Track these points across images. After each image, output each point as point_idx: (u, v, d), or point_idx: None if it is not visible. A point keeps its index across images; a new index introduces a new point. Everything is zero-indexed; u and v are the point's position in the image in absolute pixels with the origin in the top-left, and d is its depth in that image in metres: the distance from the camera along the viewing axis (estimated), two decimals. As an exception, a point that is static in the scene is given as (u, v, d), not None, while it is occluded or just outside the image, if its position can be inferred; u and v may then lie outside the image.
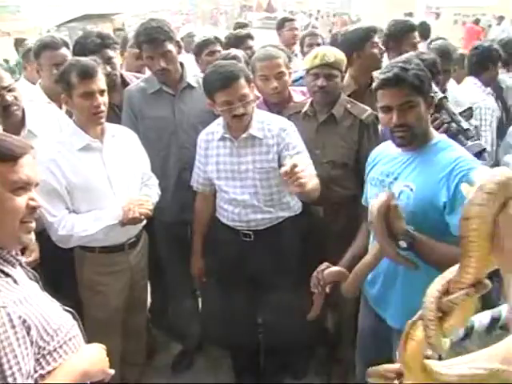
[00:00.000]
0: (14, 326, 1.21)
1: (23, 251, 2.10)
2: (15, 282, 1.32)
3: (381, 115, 1.89)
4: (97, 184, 2.26)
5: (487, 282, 0.90)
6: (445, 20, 16.03)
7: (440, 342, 0.92)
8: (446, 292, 0.93)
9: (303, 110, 2.64)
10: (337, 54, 2.53)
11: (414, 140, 1.85)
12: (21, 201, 1.31)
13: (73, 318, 1.46)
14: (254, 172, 2.39)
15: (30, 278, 1.43)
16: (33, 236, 1.39)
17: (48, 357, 1.31)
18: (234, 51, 3.12)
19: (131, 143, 2.47)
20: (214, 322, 2.94)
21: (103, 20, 9.44)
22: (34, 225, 1.38)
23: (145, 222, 2.41)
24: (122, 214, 2.24)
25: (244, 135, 2.38)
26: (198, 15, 26.44)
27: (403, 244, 1.68)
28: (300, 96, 2.89)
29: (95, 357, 1.46)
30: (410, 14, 14.98)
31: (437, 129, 2.12)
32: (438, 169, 1.79)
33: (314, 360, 3.04)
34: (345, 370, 2.80)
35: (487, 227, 0.84)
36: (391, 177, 1.91)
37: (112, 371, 1.51)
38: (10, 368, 1.19)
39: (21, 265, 1.40)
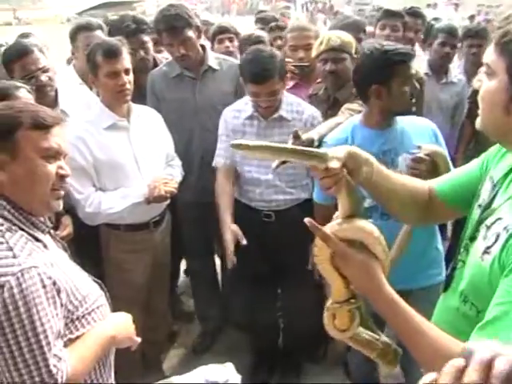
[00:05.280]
0: (44, 286, 1.24)
1: (57, 226, 2.15)
2: (45, 247, 1.35)
3: (401, 88, 1.96)
4: (123, 162, 2.29)
5: (352, 301, 1.09)
6: (467, 12, 15.81)
7: (336, 335, 1.14)
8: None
9: (319, 93, 2.66)
10: (343, 37, 2.52)
11: None
12: (52, 168, 1.36)
13: (100, 289, 1.50)
14: None
15: (58, 247, 1.47)
16: (61, 203, 1.42)
17: (77, 322, 1.34)
18: (257, 32, 3.16)
19: (156, 123, 2.50)
20: (235, 304, 2.96)
21: (124, 8, 9.48)
22: (62, 192, 1.42)
23: (169, 201, 2.44)
24: (147, 192, 2.27)
25: (274, 115, 2.40)
26: (217, 4, 26.50)
27: None
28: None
29: (123, 324, 1.50)
30: (434, 6, 14.79)
31: None
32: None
33: (332, 347, 3.03)
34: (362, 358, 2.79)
35: (325, 259, 1.06)
36: (391, 152, 2.01)
37: (138, 339, 1.55)
38: (42, 325, 1.22)
39: (49, 233, 1.43)
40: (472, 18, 10.21)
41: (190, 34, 2.65)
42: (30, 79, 2.30)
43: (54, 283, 1.27)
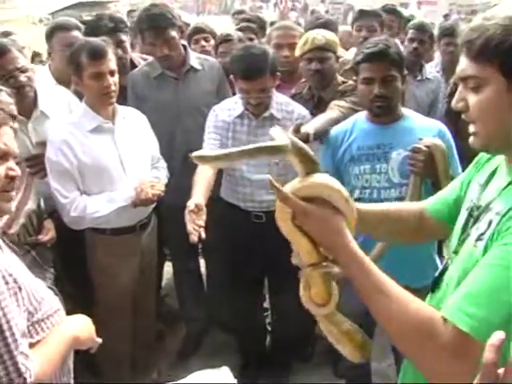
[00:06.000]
0: (7, 282, 1.20)
1: (39, 231, 2.10)
2: (0, 248, 1.31)
3: (362, 87, 2.05)
4: (108, 165, 2.26)
5: (324, 264, 1.04)
6: (438, 11, 16.05)
7: (313, 309, 1.10)
8: None
9: (303, 92, 2.66)
10: (328, 36, 2.53)
11: (390, 111, 2.06)
12: (0, 169, 1.30)
13: (54, 294, 1.46)
14: None
15: (10, 251, 1.41)
16: (12, 205, 1.38)
17: (36, 326, 1.30)
18: (227, 31, 3.20)
19: (141, 125, 2.47)
20: (221, 306, 2.95)
21: (98, 8, 9.33)
22: (13, 194, 1.36)
23: (155, 203, 2.41)
24: (134, 195, 2.24)
25: (265, 114, 2.40)
26: (192, 4, 26.37)
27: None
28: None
29: (83, 324, 1.47)
30: (406, 5, 15.00)
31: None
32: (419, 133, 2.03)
33: (319, 345, 3.03)
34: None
35: (286, 219, 1.03)
36: (386, 147, 2.06)
37: (99, 340, 1.52)
38: (8, 322, 1.17)
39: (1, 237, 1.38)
40: (447, 16, 10.39)
41: (174, 33, 2.64)
42: (9, 79, 2.23)
43: (15, 281, 1.22)
